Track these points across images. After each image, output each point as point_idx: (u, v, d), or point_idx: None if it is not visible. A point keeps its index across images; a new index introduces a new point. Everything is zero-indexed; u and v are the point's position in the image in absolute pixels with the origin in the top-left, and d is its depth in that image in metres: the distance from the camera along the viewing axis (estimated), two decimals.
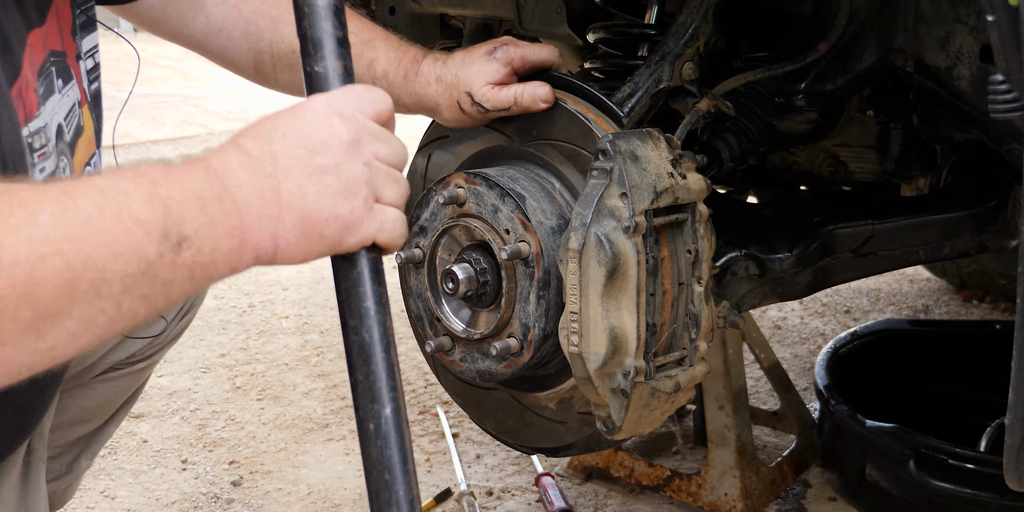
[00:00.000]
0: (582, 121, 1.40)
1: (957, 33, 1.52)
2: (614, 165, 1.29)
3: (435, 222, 1.48)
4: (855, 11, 1.59)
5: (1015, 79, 1.03)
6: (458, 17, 2.36)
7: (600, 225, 1.29)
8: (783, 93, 1.67)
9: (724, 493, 2.13)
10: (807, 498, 2.25)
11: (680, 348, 1.39)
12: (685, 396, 1.41)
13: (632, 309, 1.29)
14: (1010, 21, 1.00)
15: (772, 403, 2.61)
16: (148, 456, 2.51)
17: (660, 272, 1.34)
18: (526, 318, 1.39)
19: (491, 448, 2.48)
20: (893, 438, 2.06)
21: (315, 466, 2.44)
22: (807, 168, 2.20)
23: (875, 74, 1.63)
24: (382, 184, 0.94)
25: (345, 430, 2.60)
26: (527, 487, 2.31)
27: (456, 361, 1.50)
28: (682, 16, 1.55)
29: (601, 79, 1.70)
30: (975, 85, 1.51)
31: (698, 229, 1.37)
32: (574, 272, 1.29)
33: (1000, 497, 1.89)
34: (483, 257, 1.43)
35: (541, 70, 1.46)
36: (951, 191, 1.97)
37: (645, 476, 2.24)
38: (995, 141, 1.68)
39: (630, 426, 1.36)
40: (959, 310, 3.42)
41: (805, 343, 3.15)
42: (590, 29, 1.74)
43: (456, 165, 1.59)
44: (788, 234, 1.66)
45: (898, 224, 1.78)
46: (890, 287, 3.61)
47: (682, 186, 1.35)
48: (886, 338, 2.56)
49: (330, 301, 3.56)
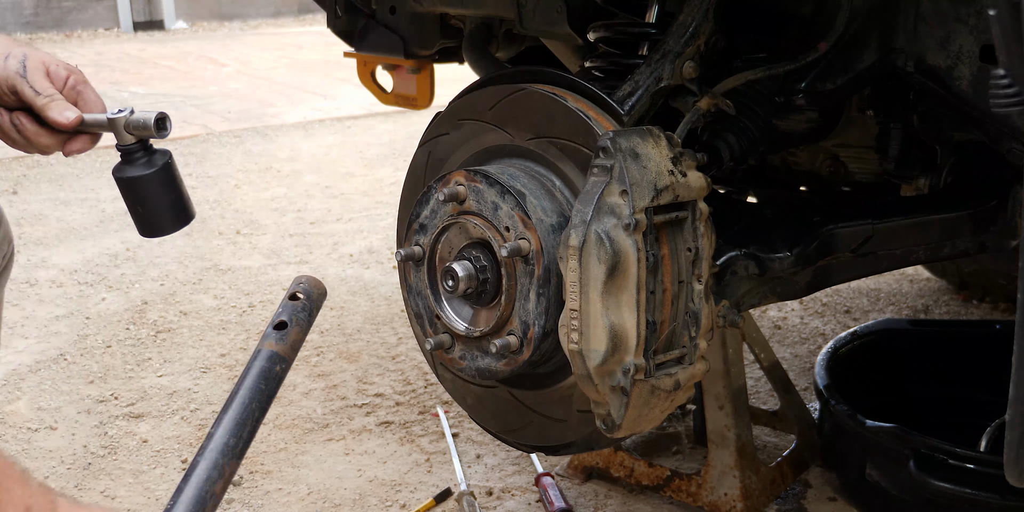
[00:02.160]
0: (583, 119, 1.40)
1: (957, 33, 1.52)
2: (614, 162, 1.29)
3: (435, 220, 1.49)
4: (855, 11, 1.59)
5: (1016, 74, 1.04)
6: (458, 17, 2.36)
7: (600, 222, 1.29)
8: (783, 92, 1.67)
9: (724, 493, 2.12)
10: (807, 498, 2.25)
11: (680, 346, 1.39)
12: (685, 394, 1.41)
13: (632, 307, 1.29)
14: (1011, 15, 1.00)
15: (772, 403, 2.61)
16: (148, 456, 2.51)
17: (660, 270, 1.34)
18: (526, 316, 1.39)
19: (491, 448, 2.48)
20: (893, 438, 2.06)
21: (315, 466, 2.44)
22: (807, 168, 2.20)
23: (875, 74, 1.63)
24: None
25: (345, 430, 2.60)
26: (527, 487, 2.31)
27: (456, 359, 1.50)
28: (683, 15, 1.55)
29: (602, 78, 1.70)
30: (975, 85, 1.51)
31: (698, 227, 1.38)
32: (574, 269, 1.29)
33: (1000, 497, 1.89)
34: (483, 255, 1.43)
35: (542, 69, 1.46)
36: (951, 191, 1.96)
37: (645, 476, 2.24)
38: (995, 141, 1.68)
39: (630, 424, 1.36)
40: (959, 310, 3.42)
41: (805, 343, 3.15)
42: (591, 28, 1.75)
43: (456, 162, 1.59)
44: (788, 234, 1.66)
45: (898, 224, 1.78)
46: (890, 287, 3.61)
47: (682, 184, 1.35)
48: (886, 338, 2.56)
49: (330, 301, 3.56)
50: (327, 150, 6.07)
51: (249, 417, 1.19)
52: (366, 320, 3.38)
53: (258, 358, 1.24)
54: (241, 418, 1.18)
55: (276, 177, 5.41)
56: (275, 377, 1.24)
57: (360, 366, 3.00)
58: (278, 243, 4.23)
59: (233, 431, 1.17)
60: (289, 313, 1.27)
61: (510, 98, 1.49)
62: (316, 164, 5.71)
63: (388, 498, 2.29)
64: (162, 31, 12.59)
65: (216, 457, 1.14)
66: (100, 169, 5.63)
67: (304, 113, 7.21)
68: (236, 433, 1.17)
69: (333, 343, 3.19)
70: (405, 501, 2.27)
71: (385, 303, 3.54)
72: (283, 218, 4.61)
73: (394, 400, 2.76)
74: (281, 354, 1.25)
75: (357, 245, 4.20)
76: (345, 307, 3.51)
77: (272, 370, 1.23)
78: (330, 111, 7.26)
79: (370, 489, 2.33)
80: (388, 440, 2.55)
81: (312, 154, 5.96)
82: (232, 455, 1.15)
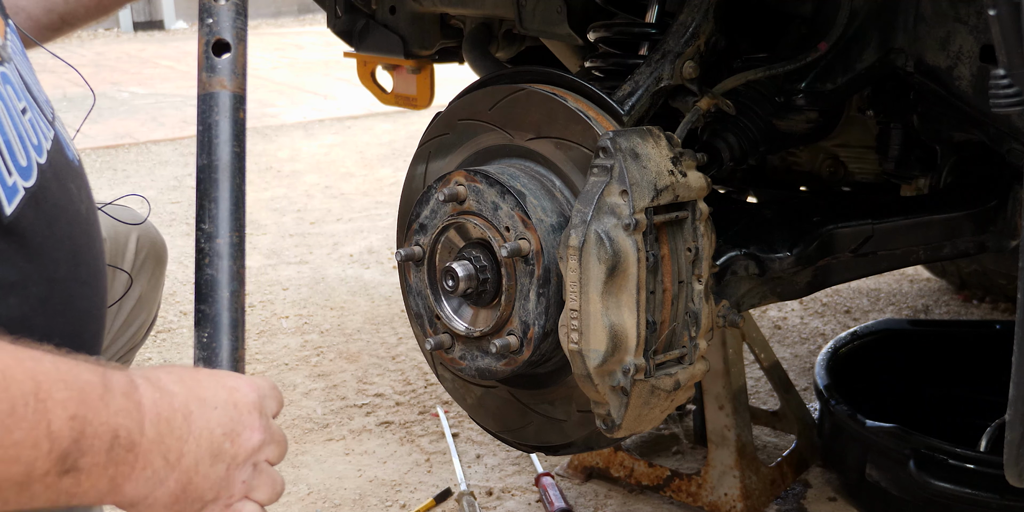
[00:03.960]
0: (583, 119, 1.40)
1: (957, 33, 1.52)
2: (614, 162, 1.29)
3: (435, 220, 1.49)
4: (855, 11, 1.59)
5: (1016, 74, 1.04)
6: (458, 17, 2.36)
7: (600, 222, 1.29)
8: (783, 92, 1.67)
9: (724, 493, 2.12)
10: (807, 498, 2.25)
11: (680, 346, 1.39)
12: (685, 394, 1.41)
13: (632, 307, 1.29)
14: (1011, 15, 1.00)
15: (772, 403, 2.61)
16: None
17: (660, 270, 1.34)
18: (526, 316, 1.39)
19: (491, 448, 2.48)
20: (893, 438, 2.06)
21: (315, 466, 2.44)
22: (807, 168, 2.20)
23: (875, 74, 1.63)
24: (260, 485, 0.96)
25: (345, 430, 2.60)
26: (527, 487, 2.31)
27: (456, 359, 1.50)
28: (683, 15, 1.55)
29: (602, 78, 1.70)
30: (975, 85, 1.51)
31: (698, 227, 1.38)
32: (574, 269, 1.29)
33: (1000, 497, 1.89)
34: (483, 255, 1.43)
35: (542, 69, 1.46)
36: (951, 191, 1.96)
37: (645, 476, 2.24)
38: (995, 141, 1.68)
39: (630, 424, 1.36)
40: (959, 310, 3.42)
41: (805, 343, 3.15)
42: (591, 28, 1.74)
43: (456, 162, 1.59)
44: (788, 234, 1.66)
45: (898, 224, 1.78)
46: (890, 287, 3.61)
47: (682, 184, 1.35)
48: (886, 338, 2.56)
49: (330, 301, 3.56)
50: (327, 150, 6.07)
51: (240, 197, 1.02)
52: (366, 320, 3.38)
53: (218, 110, 0.98)
54: (234, 205, 1.01)
55: (276, 177, 5.41)
56: (243, 128, 0.99)
57: (360, 366, 3.00)
58: (278, 243, 4.23)
59: (232, 226, 1.01)
60: (227, 24, 0.96)
61: (510, 98, 1.49)
62: (316, 164, 5.71)
63: (388, 498, 2.29)
64: (162, 31, 12.60)
65: (229, 265, 1.00)
66: (100, 169, 5.63)
67: (304, 113, 7.21)
68: (235, 228, 1.01)
69: (333, 343, 3.19)
70: (405, 501, 2.27)
71: (385, 303, 3.54)
72: (283, 218, 4.61)
73: (394, 400, 2.76)
74: (238, 92, 0.98)
75: (357, 245, 4.20)
76: (345, 307, 3.51)
77: (239, 121, 1.00)
78: (330, 111, 7.26)
79: (370, 489, 2.33)
80: (388, 440, 2.55)
81: (312, 154, 5.96)
82: (240, 255, 1.01)
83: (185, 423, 0.89)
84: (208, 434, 0.91)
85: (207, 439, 0.91)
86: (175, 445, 0.88)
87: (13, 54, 1.08)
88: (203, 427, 0.91)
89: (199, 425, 0.91)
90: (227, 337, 1.01)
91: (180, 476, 0.89)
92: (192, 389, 0.92)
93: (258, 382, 0.99)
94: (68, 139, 1.18)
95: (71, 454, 0.79)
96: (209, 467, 0.91)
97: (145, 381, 0.89)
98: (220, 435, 0.92)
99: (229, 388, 0.95)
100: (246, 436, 0.94)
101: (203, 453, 0.91)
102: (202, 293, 1.01)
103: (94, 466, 0.81)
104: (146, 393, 0.88)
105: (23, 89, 1.06)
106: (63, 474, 0.79)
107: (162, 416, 0.88)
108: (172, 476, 0.88)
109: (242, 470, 0.94)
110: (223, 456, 0.92)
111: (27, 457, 0.76)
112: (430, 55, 2.46)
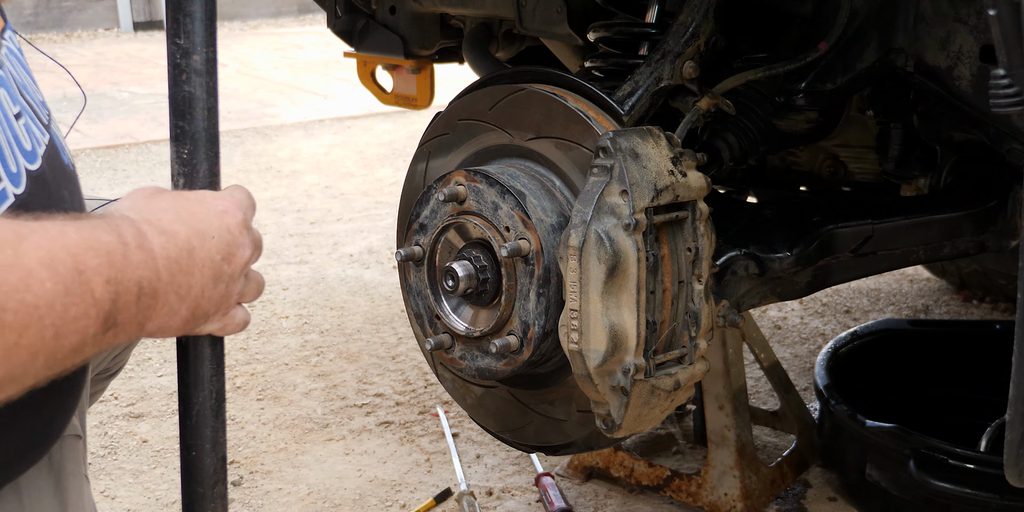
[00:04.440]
0: (583, 119, 1.40)
1: (957, 33, 1.52)
2: (614, 162, 1.29)
3: (435, 220, 1.48)
4: (855, 11, 1.59)
5: (1016, 74, 1.04)
6: (458, 17, 2.36)
7: (600, 222, 1.29)
8: (783, 92, 1.67)
9: (724, 493, 2.12)
10: (807, 498, 2.25)
11: (680, 346, 1.39)
12: (685, 394, 1.41)
13: (632, 307, 1.29)
14: (1011, 15, 1.00)
15: (772, 403, 2.61)
16: (148, 456, 2.51)
17: (660, 270, 1.34)
18: (526, 315, 1.39)
19: (491, 448, 2.48)
20: (893, 438, 2.06)
21: (315, 466, 2.44)
22: (807, 168, 2.20)
23: (875, 74, 1.63)
24: (249, 291, 1.07)
25: (345, 430, 2.60)
26: (527, 487, 2.31)
27: (456, 359, 1.50)
28: (683, 15, 1.55)
29: (602, 78, 1.70)
30: (975, 85, 1.51)
31: (698, 227, 1.37)
32: (574, 269, 1.29)
33: (1000, 497, 1.89)
34: (483, 255, 1.43)
35: (542, 69, 1.46)
36: (951, 191, 1.96)
37: (645, 476, 2.24)
38: (995, 141, 1.68)
39: (630, 424, 1.36)
40: (959, 310, 3.42)
41: (805, 343, 3.15)
42: (591, 28, 1.74)
43: (456, 162, 1.59)
44: (788, 234, 1.66)
45: (898, 224, 1.78)
46: (890, 287, 3.61)
47: (682, 184, 1.35)
48: (886, 338, 2.56)
49: (330, 301, 3.56)
50: (327, 150, 6.07)
51: (212, 12, 1.03)
52: (366, 320, 3.38)
53: None
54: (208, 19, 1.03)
55: (276, 177, 5.41)
56: None
57: (360, 366, 3.00)
58: (278, 243, 4.23)
59: (207, 41, 1.03)
60: None
61: (510, 98, 1.49)
62: (316, 164, 5.71)
63: (388, 498, 2.29)
64: (162, 31, 12.57)
65: (206, 81, 1.03)
66: (100, 169, 5.63)
67: (304, 113, 7.21)
68: (209, 42, 1.03)
69: (333, 343, 3.19)
70: (405, 501, 2.27)
71: (385, 303, 3.54)
72: (283, 218, 4.61)
73: (394, 400, 2.76)
74: None
75: (357, 245, 4.20)
76: (345, 307, 3.51)
77: None
78: (330, 111, 7.26)
79: (370, 489, 2.33)
80: (388, 440, 2.55)
81: (312, 154, 5.96)
82: (214, 71, 1.04)
83: (190, 259, 0.97)
84: (210, 262, 0.99)
85: (209, 267, 0.99)
86: (184, 280, 0.96)
87: (8, 56, 1.08)
88: (205, 258, 0.98)
89: (201, 256, 0.98)
90: (205, 153, 1.06)
91: (190, 304, 0.98)
92: (190, 224, 0.99)
93: (238, 197, 1.06)
94: (63, 143, 1.18)
95: (112, 314, 0.87)
96: (212, 290, 1.00)
97: (149, 226, 0.95)
98: (219, 260, 1.00)
99: (220, 213, 1.02)
100: (239, 254, 1.02)
101: (207, 280, 0.99)
102: (180, 109, 1.05)
103: (128, 318, 0.90)
104: (154, 239, 0.94)
105: (17, 92, 1.07)
106: (106, 332, 0.87)
107: (171, 258, 0.94)
108: (184, 306, 0.97)
109: (237, 283, 1.03)
110: (223, 277, 1.01)
111: (82, 327, 0.84)
112: (430, 55, 2.47)
